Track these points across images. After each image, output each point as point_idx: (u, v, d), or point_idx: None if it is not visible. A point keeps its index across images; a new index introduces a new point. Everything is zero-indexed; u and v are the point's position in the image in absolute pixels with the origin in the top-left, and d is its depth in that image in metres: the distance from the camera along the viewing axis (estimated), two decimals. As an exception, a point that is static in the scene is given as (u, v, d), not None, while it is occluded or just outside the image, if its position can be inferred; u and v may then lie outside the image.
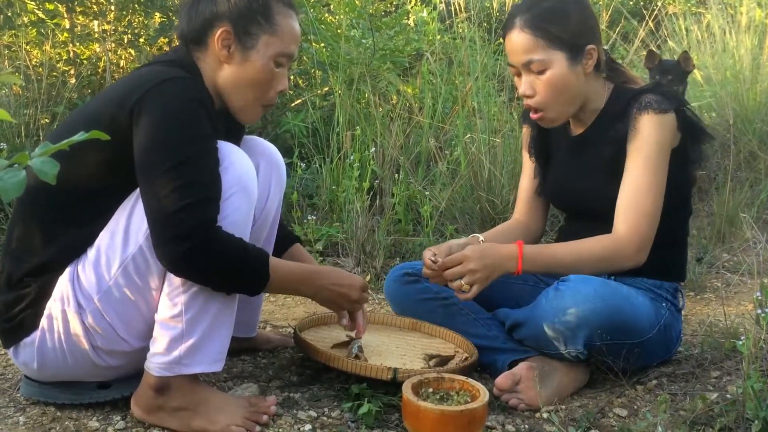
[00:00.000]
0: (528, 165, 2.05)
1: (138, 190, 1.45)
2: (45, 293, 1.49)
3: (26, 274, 1.50)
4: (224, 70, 1.57)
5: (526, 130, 2.04)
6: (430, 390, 1.54)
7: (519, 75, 1.79)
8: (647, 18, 4.40)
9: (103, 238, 1.47)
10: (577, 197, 1.89)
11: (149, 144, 1.41)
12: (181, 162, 1.39)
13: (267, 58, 1.57)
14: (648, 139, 1.71)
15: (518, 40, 1.73)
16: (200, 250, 1.39)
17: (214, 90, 1.59)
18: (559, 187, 1.95)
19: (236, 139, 1.73)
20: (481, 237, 1.89)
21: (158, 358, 1.47)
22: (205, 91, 1.55)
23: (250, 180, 1.50)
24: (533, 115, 1.81)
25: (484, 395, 1.49)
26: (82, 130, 1.45)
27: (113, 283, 1.46)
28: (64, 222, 1.49)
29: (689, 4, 6.48)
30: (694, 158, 1.80)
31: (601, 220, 1.77)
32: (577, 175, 1.87)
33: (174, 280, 1.44)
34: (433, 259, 1.72)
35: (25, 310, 1.49)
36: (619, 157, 1.75)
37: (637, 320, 1.69)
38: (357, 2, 4.15)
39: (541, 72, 1.73)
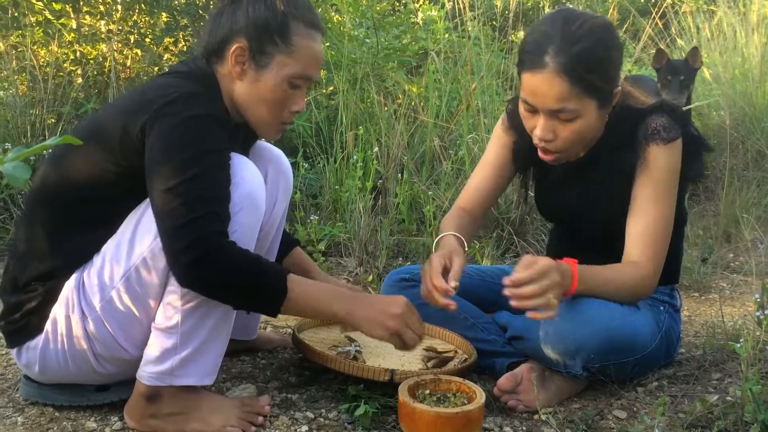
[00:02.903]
0: (489, 159, 1.90)
1: (146, 201, 1.45)
2: (51, 298, 1.49)
3: (33, 278, 1.50)
4: (238, 86, 1.55)
5: (508, 138, 1.86)
6: (427, 392, 1.54)
7: (534, 112, 1.60)
8: (654, 15, 4.37)
9: (108, 247, 1.47)
10: (575, 218, 1.84)
11: (159, 160, 1.40)
12: (189, 178, 1.37)
13: (280, 79, 1.53)
14: (659, 171, 1.65)
15: (552, 85, 1.53)
16: (209, 261, 1.36)
17: (232, 103, 1.57)
18: (555, 206, 1.89)
19: (249, 150, 1.73)
20: (455, 233, 1.77)
21: (150, 368, 1.47)
22: (220, 105, 1.53)
23: (259, 196, 1.49)
24: (543, 155, 1.67)
25: (480, 397, 1.49)
26: (91, 139, 1.48)
27: (115, 293, 1.45)
28: (71, 228, 1.50)
29: (700, 2, 6.42)
30: (694, 173, 1.73)
31: (598, 238, 1.77)
32: (578, 199, 1.80)
33: (173, 291, 1.44)
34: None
35: (30, 314, 1.50)
36: (628, 187, 1.69)
37: (638, 337, 1.66)
38: (364, 1, 4.14)
39: (569, 120, 1.58)
